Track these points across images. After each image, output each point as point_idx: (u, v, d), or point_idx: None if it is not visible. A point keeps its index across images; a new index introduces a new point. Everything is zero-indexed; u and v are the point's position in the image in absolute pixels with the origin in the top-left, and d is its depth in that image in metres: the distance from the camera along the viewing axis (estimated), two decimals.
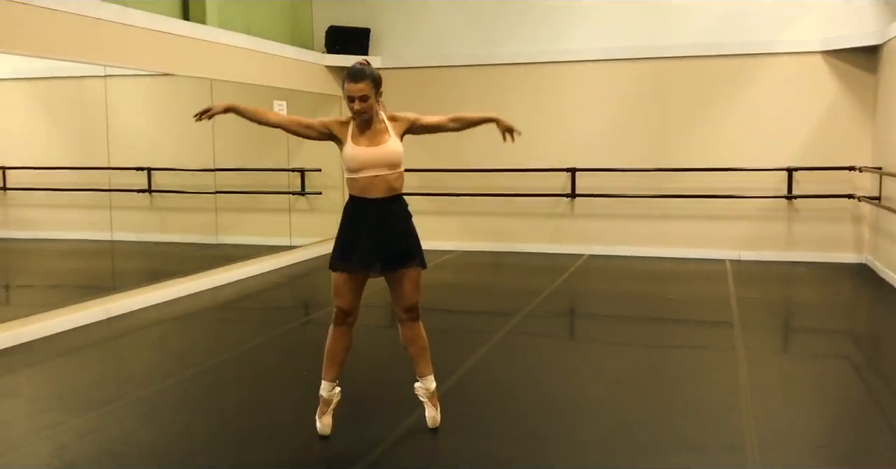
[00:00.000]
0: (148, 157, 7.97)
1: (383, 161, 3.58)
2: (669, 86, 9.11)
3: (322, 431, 3.76)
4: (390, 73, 9.93)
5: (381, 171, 3.58)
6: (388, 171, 3.59)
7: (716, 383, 4.69)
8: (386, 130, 3.64)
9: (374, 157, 3.57)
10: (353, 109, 3.56)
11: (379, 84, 3.63)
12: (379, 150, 3.58)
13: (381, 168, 3.58)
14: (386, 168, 3.59)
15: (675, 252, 9.12)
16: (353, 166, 3.59)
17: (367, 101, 3.54)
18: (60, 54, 6.03)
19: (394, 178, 3.62)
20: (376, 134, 3.62)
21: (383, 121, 3.67)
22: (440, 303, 7.23)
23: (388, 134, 3.63)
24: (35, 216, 7.81)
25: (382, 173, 3.59)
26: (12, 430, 4.04)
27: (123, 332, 6.12)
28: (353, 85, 3.54)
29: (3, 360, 5.22)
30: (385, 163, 3.59)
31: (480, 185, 9.64)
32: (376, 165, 3.58)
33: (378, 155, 3.57)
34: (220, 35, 7.83)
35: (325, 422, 3.78)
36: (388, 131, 3.64)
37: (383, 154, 3.58)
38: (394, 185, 3.63)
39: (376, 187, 3.59)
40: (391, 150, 3.60)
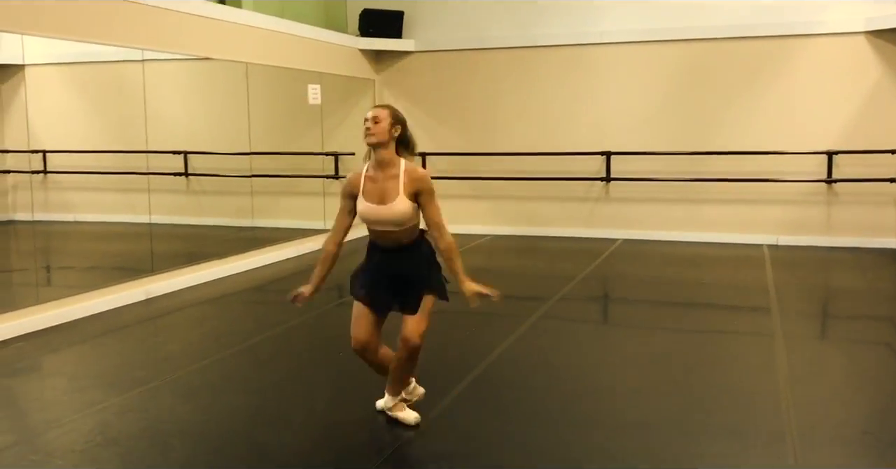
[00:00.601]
0: (184, 140, 8.05)
1: (390, 221, 3.50)
2: (707, 68, 8.97)
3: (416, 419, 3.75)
4: (424, 56, 9.93)
5: (388, 227, 3.52)
6: (395, 228, 3.51)
7: (754, 369, 4.64)
8: (396, 185, 3.49)
9: (381, 217, 3.50)
10: (365, 133, 3.49)
11: (399, 121, 3.54)
12: (385, 210, 3.48)
13: (388, 225, 3.51)
14: (393, 225, 3.51)
15: (712, 237, 9.01)
16: (364, 219, 3.55)
17: (379, 125, 3.47)
18: (99, 38, 6.09)
19: (401, 233, 3.54)
20: (386, 187, 3.49)
21: (398, 172, 3.51)
22: None
23: (397, 191, 3.48)
24: (75, 199, 7.94)
25: (390, 229, 3.52)
26: (56, 408, 4.12)
27: (162, 313, 6.21)
28: (372, 109, 3.54)
29: (46, 339, 5.32)
30: (392, 223, 3.50)
31: (514, 168, 9.60)
32: (385, 223, 3.51)
33: (384, 214, 3.49)
34: (256, 19, 7.86)
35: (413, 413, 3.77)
36: (399, 187, 3.48)
37: (390, 214, 3.48)
38: (402, 241, 3.56)
39: (388, 239, 3.56)
40: (398, 211, 3.48)
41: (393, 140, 3.51)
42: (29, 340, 5.26)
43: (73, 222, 7.89)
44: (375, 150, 3.51)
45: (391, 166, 3.52)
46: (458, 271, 3.59)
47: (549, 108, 9.56)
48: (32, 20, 5.49)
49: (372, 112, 3.52)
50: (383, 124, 3.49)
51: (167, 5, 6.63)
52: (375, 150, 3.51)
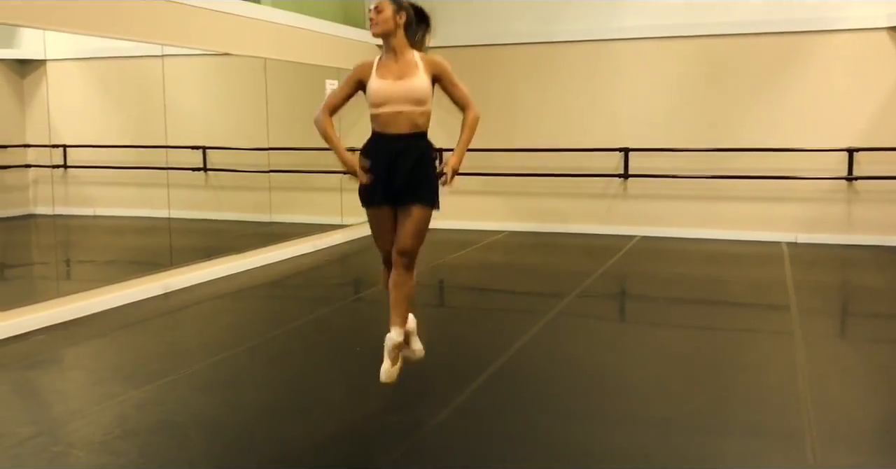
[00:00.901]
0: (203, 135, 8.08)
1: (408, 96, 3.43)
2: (726, 64, 8.91)
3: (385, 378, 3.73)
4: (443, 52, 9.85)
5: (404, 107, 3.44)
6: (412, 107, 3.44)
7: (773, 367, 4.61)
8: (415, 66, 3.48)
9: (399, 92, 3.42)
10: (370, 23, 3.50)
11: (402, 8, 3.52)
12: (404, 85, 3.42)
13: (404, 103, 3.43)
14: (410, 104, 3.43)
15: (730, 234, 8.96)
16: (376, 100, 3.46)
17: (381, 14, 3.46)
18: (120, 34, 6.12)
19: (418, 114, 3.47)
20: (404, 68, 3.47)
21: (415, 57, 3.52)
22: (489, 283, 7.23)
23: (416, 69, 3.46)
24: (94, 193, 8.00)
25: (406, 109, 3.44)
26: (75, 400, 4.16)
27: (180, 307, 6.25)
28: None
29: (65, 333, 5.37)
30: (410, 98, 3.43)
31: (531, 164, 9.57)
32: (400, 101, 3.43)
33: (403, 89, 3.42)
34: (274, 14, 7.88)
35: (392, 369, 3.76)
36: (418, 67, 3.48)
37: (408, 89, 3.42)
38: (417, 122, 3.49)
39: (398, 123, 3.46)
40: (417, 86, 3.43)
41: (399, 28, 3.50)
42: (49, 333, 5.31)
43: (92, 216, 7.95)
44: (385, 40, 3.51)
45: (405, 54, 3.51)
46: (463, 142, 3.63)
47: (567, 104, 9.52)
48: (54, 16, 5.53)
49: (375, 1, 3.50)
50: (386, 12, 3.48)
51: (187, 1, 6.66)
52: (385, 40, 3.51)
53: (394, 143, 3.47)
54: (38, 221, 7.20)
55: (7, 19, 5.32)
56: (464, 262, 7.92)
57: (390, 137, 3.48)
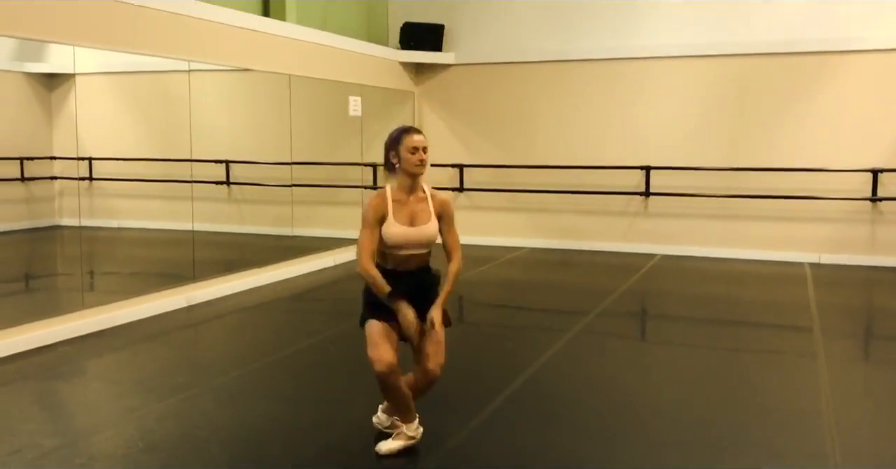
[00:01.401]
0: (227, 150, 8.17)
1: (422, 243, 3.49)
2: (749, 83, 8.89)
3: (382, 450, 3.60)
4: (464, 69, 9.98)
5: (417, 251, 3.50)
6: (423, 250, 3.52)
7: (795, 389, 4.57)
8: (427, 207, 3.52)
9: (415, 239, 3.47)
10: (417, 162, 3.44)
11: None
12: (419, 232, 3.47)
13: (418, 248, 3.50)
14: (422, 248, 3.51)
15: (753, 254, 8.91)
16: (392, 244, 3.47)
17: (427, 154, 3.47)
18: (147, 50, 6.22)
19: (425, 254, 3.55)
20: (417, 209, 3.49)
21: (425, 193, 3.54)
22: (510, 299, 7.23)
23: (429, 212, 3.51)
24: (119, 205, 8.09)
25: (418, 252, 3.51)
26: (98, 413, 4.20)
27: (203, 320, 6.30)
28: (417, 136, 3.48)
29: (89, 344, 5.42)
30: (423, 245, 3.50)
31: (552, 181, 9.58)
32: (415, 246, 3.49)
33: (417, 237, 3.47)
34: (299, 31, 7.97)
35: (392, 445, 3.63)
36: (430, 208, 3.52)
37: (424, 236, 3.48)
38: (423, 260, 3.56)
39: (409, 264, 3.51)
40: (431, 233, 3.50)
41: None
42: (73, 345, 5.36)
43: (117, 228, 8.04)
44: (413, 178, 3.48)
45: (419, 190, 3.53)
46: (445, 293, 3.55)
47: (588, 122, 9.53)
48: (84, 32, 5.63)
49: (422, 139, 3.47)
50: (427, 153, 3.49)
51: (214, 18, 6.76)
52: (413, 178, 3.48)
53: (404, 279, 3.50)
54: (64, 233, 7.30)
55: (39, 35, 5.43)
56: (484, 278, 7.93)
57: (400, 274, 3.50)
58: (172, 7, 6.32)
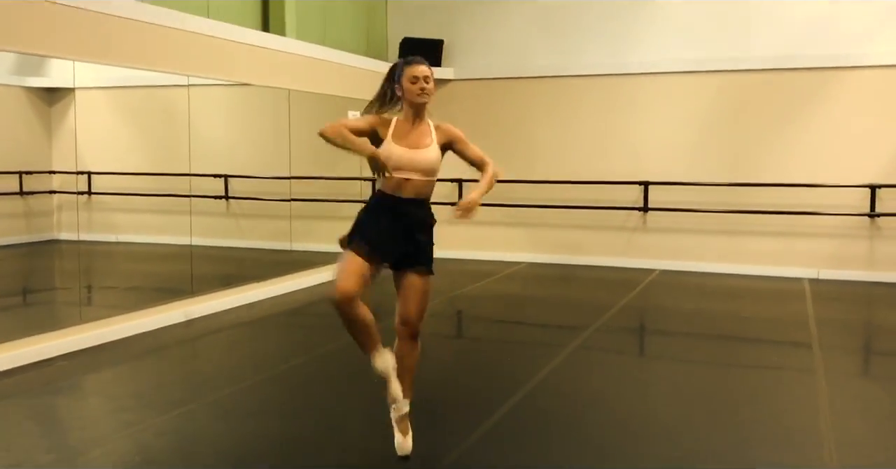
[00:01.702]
0: (226, 164, 8.18)
1: (419, 166, 3.48)
2: (747, 99, 8.93)
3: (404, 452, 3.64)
4: (463, 85, 10.01)
5: (413, 175, 3.48)
6: (420, 177, 3.49)
7: (794, 406, 4.56)
8: (430, 135, 3.54)
9: (411, 161, 3.47)
10: (419, 91, 3.48)
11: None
12: (417, 155, 3.48)
13: (414, 172, 3.48)
14: (419, 173, 3.49)
15: (751, 269, 8.90)
16: (392, 164, 3.45)
17: (430, 84, 3.50)
18: (146, 64, 6.24)
19: (423, 183, 3.52)
20: (419, 136, 3.52)
21: (430, 126, 3.58)
22: (508, 314, 7.22)
23: (430, 139, 3.53)
24: (118, 220, 8.09)
25: (414, 178, 3.49)
26: (96, 428, 4.18)
27: (201, 335, 6.28)
28: (419, 66, 3.51)
29: (87, 359, 5.41)
30: (420, 168, 3.48)
31: (551, 196, 9.60)
32: (411, 169, 3.47)
33: (416, 159, 3.47)
34: (298, 46, 8.00)
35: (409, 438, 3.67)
36: (432, 136, 3.54)
37: (421, 159, 3.48)
38: (422, 191, 3.52)
39: (405, 189, 3.49)
40: (430, 157, 3.50)
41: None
42: (71, 359, 5.35)
43: (116, 243, 8.03)
44: (417, 107, 3.52)
45: (423, 121, 3.56)
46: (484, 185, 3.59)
47: (587, 137, 9.56)
48: (84, 47, 5.66)
49: (424, 69, 3.50)
50: (433, 83, 3.52)
51: (213, 33, 6.79)
52: (417, 107, 3.52)
53: (397, 206, 3.51)
54: (62, 247, 7.29)
55: (39, 50, 5.45)
56: (483, 293, 7.92)
57: (394, 200, 3.51)
58: (172, 22, 6.35)
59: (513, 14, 9.80)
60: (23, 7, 5.16)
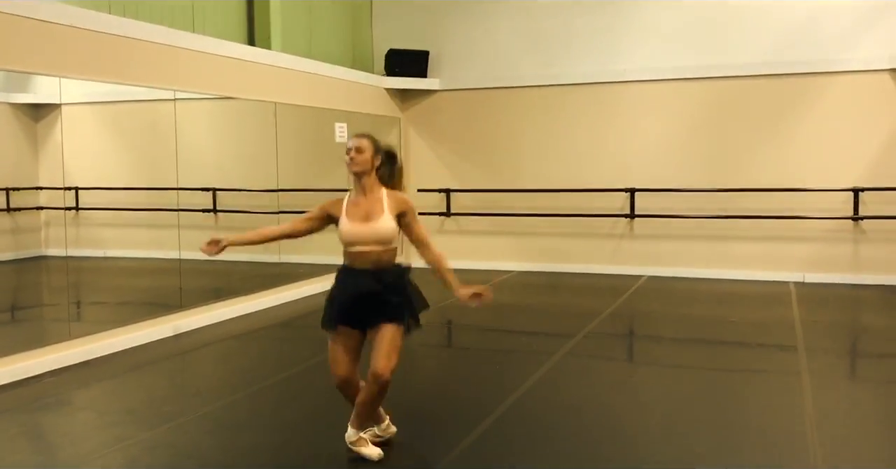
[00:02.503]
0: (214, 177, 8.19)
1: (373, 238, 3.60)
2: (731, 105, 9.02)
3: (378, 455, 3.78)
4: (449, 95, 10.07)
5: (371, 247, 3.60)
6: (378, 248, 3.61)
7: (780, 408, 4.60)
8: (381, 207, 3.64)
9: (365, 235, 3.60)
10: (348, 161, 3.66)
11: (379, 151, 3.71)
12: (370, 228, 3.60)
13: (371, 244, 3.60)
14: (376, 244, 3.60)
15: (738, 274, 8.98)
16: (345, 240, 3.64)
17: (362, 155, 3.64)
18: (132, 79, 6.27)
19: (382, 252, 3.62)
20: (371, 209, 3.64)
21: (381, 196, 3.67)
22: (497, 323, 7.24)
23: (381, 211, 3.63)
24: (106, 235, 8.09)
25: (372, 249, 3.60)
26: (86, 443, 4.18)
27: (190, 348, 6.28)
28: (353, 139, 3.70)
29: (76, 375, 5.40)
30: (375, 240, 3.60)
31: (538, 205, 9.65)
32: (367, 242, 3.60)
33: (369, 232, 3.60)
34: (284, 59, 8.04)
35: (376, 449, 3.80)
36: (383, 208, 3.64)
37: (375, 232, 3.60)
38: (382, 260, 3.63)
39: (364, 261, 3.62)
40: (382, 228, 3.60)
41: (374, 169, 3.68)
42: (60, 375, 5.34)
43: (104, 258, 8.02)
44: (359, 178, 3.67)
45: (374, 192, 3.68)
46: (450, 281, 3.71)
47: (573, 145, 9.63)
48: (69, 64, 5.68)
49: (354, 142, 3.68)
50: (366, 155, 3.66)
51: (199, 48, 6.82)
52: (359, 178, 3.67)
53: (359, 277, 3.63)
54: (50, 263, 7.28)
55: (24, 68, 5.47)
56: (440, 277, 7.92)
57: (356, 272, 3.64)
58: (158, 37, 6.38)
59: (498, 24, 9.88)
60: (7, 24, 5.18)
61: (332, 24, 9.73)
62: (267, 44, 8.28)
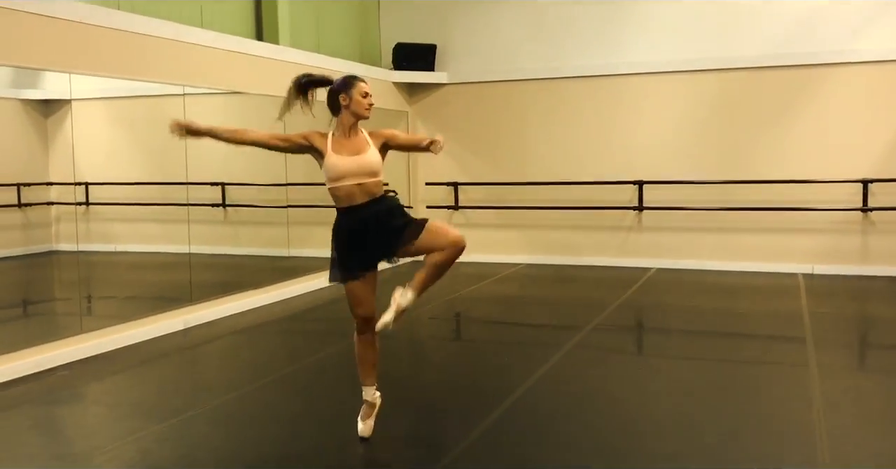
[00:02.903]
0: (222, 172, 8.23)
1: (364, 169, 3.75)
2: (738, 97, 8.99)
3: (363, 433, 3.93)
4: (456, 88, 10.08)
5: (362, 179, 3.75)
6: (368, 179, 3.76)
7: (788, 399, 4.62)
8: (366, 142, 3.82)
9: (356, 166, 3.75)
10: (367, 106, 3.81)
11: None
12: (360, 159, 3.76)
13: (361, 176, 3.75)
14: (366, 176, 3.76)
15: (746, 266, 8.97)
16: (334, 175, 3.77)
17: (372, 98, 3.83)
18: (141, 75, 6.30)
19: (373, 184, 3.78)
20: (357, 144, 3.80)
21: (363, 133, 3.86)
22: (506, 315, 7.28)
23: (367, 145, 3.81)
24: (116, 229, 8.14)
25: (364, 181, 3.76)
26: (98, 436, 4.23)
27: (200, 342, 6.33)
28: (365, 84, 3.84)
29: (88, 369, 5.46)
30: (366, 171, 3.75)
31: (546, 197, 9.66)
32: (357, 174, 3.75)
33: (359, 163, 3.75)
34: (292, 54, 8.05)
35: (368, 424, 3.95)
36: (368, 143, 3.82)
37: (365, 163, 3.76)
38: (373, 191, 3.79)
39: (358, 195, 3.76)
40: (372, 160, 3.77)
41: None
42: (72, 369, 5.40)
43: (114, 252, 8.08)
44: (353, 120, 3.82)
45: (359, 133, 3.86)
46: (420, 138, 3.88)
47: (580, 138, 9.63)
48: (79, 60, 5.72)
49: (368, 86, 3.86)
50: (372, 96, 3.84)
51: (208, 43, 6.85)
52: (353, 120, 3.82)
53: (358, 212, 3.78)
54: (61, 258, 7.34)
55: (34, 64, 5.52)
56: (480, 295, 7.98)
57: (353, 209, 3.79)
58: (166, 33, 6.41)
59: (504, 18, 9.87)
60: (17, 21, 5.22)
61: (339, 18, 9.74)
62: (275, 39, 8.30)
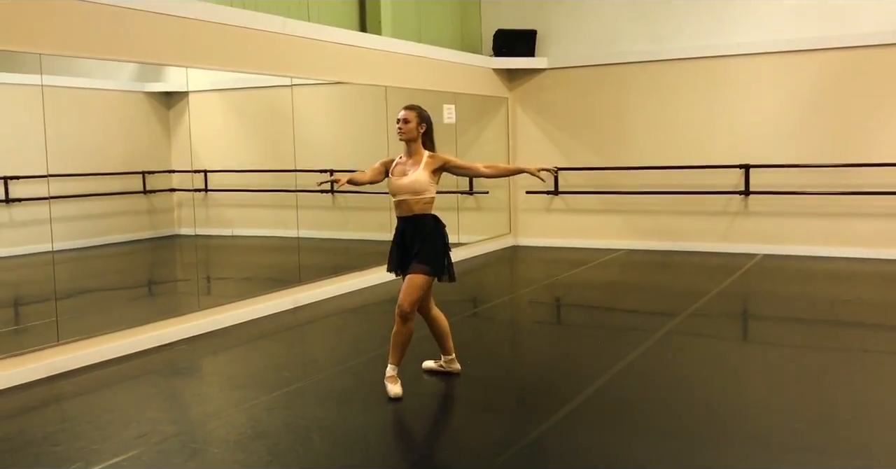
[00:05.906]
0: (330, 159, 8.55)
1: (406, 189, 4.40)
2: (850, 77, 8.65)
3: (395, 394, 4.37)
4: (556, 73, 10.09)
5: (404, 197, 4.42)
6: (410, 197, 4.41)
7: (886, 389, 4.50)
8: (419, 164, 4.42)
9: (400, 186, 4.41)
10: (397, 130, 4.44)
11: (425, 121, 4.47)
12: (405, 181, 4.40)
13: (405, 194, 4.41)
14: (408, 194, 4.41)
15: (857, 252, 8.65)
16: (390, 192, 4.49)
17: (409, 125, 4.42)
18: (252, 68, 6.66)
19: (414, 202, 4.42)
20: (411, 166, 4.43)
21: (422, 158, 4.44)
22: (603, 301, 7.30)
23: (419, 168, 4.41)
24: (232, 215, 8.58)
25: (405, 198, 4.42)
26: (213, 403, 4.58)
27: (308, 321, 6.67)
28: (402, 111, 4.47)
29: (205, 343, 5.86)
30: (407, 191, 4.41)
31: (648, 182, 9.57)
32: (401, 192, 4.42)
33: (403, 183, 4.41)
34: (395, 44, 8.28)
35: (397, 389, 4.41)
36: (421, 166, 4.41)
37: (407, 182, 4.40)
38: (413, 209, 4.43)
39: (402, 209, 4.47)
40: (413, 181, 4.39)
41: (420, 135, 4.45)
42: (191, 343, 5.82)
43: (230, 236, 8.52)
44: (407, 144, 4.45)
45: (417, 154, 4.47)
46: (513, 168, 4.85)
47: (683, 121, 9.48)
48: (195, 55, 6.11)
49: (402, 113, 4.48)
50: (411, 125, 4.45)
51: (314, 36, 7.15)
52: (407, 144, 4.45)
53: (401, 223, 4.52)
54: (182, 241, 7.81)
55: (155, 59, 5.92)
56: (579, 280, 8.03)
57: (399, 219, 4.52)
58: (275, 27, 6.74)
59: (604, 1, 9.80)
60: (140, 21, 5.63)
61: (440, 7, 9.91)
62: (378, 29, 8.54)
